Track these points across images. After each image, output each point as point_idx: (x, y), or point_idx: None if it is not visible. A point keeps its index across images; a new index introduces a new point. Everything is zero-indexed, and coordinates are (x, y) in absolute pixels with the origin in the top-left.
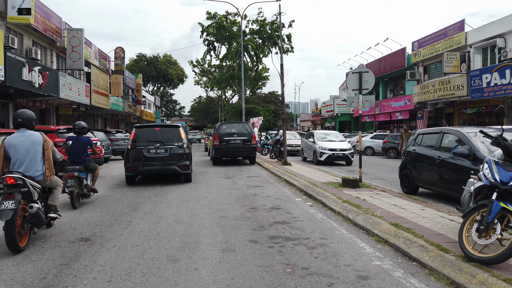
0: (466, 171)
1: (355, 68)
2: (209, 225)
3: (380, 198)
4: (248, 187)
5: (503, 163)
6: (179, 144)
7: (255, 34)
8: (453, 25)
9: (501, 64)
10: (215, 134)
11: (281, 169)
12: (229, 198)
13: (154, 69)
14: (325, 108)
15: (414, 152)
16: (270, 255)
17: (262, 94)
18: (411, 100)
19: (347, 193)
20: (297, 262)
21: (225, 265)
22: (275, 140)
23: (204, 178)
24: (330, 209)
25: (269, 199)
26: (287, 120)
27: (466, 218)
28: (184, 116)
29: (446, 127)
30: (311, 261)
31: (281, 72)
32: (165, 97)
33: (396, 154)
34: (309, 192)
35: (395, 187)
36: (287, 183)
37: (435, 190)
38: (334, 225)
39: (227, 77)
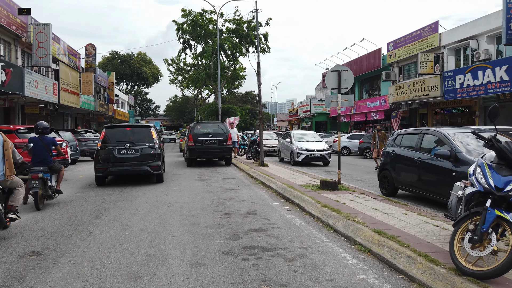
0: (447, 172)
1: (332, 67)
2: (178, 234)
3: (360, 202)
4: (223, 190)
5: (496, 166)
6: (150, 144)
7: (231, 33)
8: (427, 26)
9: (474, 65)
10: (190, 134)
11: (258, 171)
12: (202, 202)
13: (128, 68)
14: (302, 108)
15: (393, 153)
16: (245, 269)
17: (239, 94)
18: (386, 100)
19: (326, 196)
20: (274, 277)
21: (194, 283)
22: (252, 140)
23: (177, 181)
24: (309, 214)
25: (244, 203)
26: (264, 120)
27: (458, 227)
28: (159, 116)
29: (426, 128)
30: (289, 275)
31: (257, 71)
32: (139, 96)
33: (372, 153)
34: (287, 195)
35: (374, 189)
36: (264, 186)
37: (415, 192)
38: (313, 232)
39: (203, 76)
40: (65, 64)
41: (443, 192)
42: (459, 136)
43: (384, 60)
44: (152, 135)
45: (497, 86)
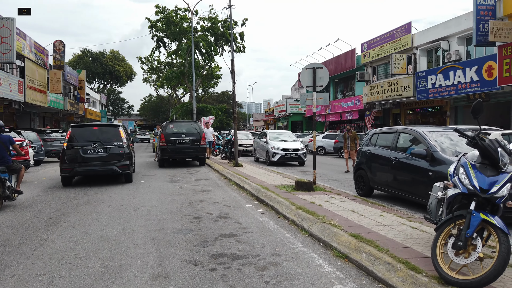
0: (423, 172)
1: (307, 64)
2: (142, 241)
3: (336, 203)
4: (194, 192)
5: (480, 166)
6: (119, 143)
7: (206, 31)
8: (400, 27)
9: (445, 66)
10: (161, 133)
11: (232, 171)
12: (171, 205)
13: (100, 66)
14: (278, 108)
15: (369, 153)
16: (212, 281)
17: (215, 94)
18: (361, 100)
19: (301, 197)
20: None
21: None
22: (226, 140)
23: (146, 182)
24: (283, 217)
25: (216, 205)
26: (240, 120)
27: (440, 231)
28: (133, 115)
29: (401, 127)
30: (261, 287)
31: (231, 69)
32: (112, 95)
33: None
34: (261, 197)
35: (350, 189)
36: (238, 187)
37: (390, 192)
38: (287, 237)
39: (177, 74)
40: (31, 61)
41: (420, 192)
42: (435, 135)
43: (358, 61)
44: (120, 134)
45: (467, 87)
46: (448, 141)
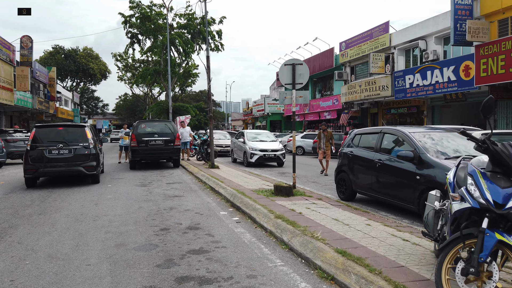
0: (410, 176)
1: (286, 60)
2: (96, 261)
3: (318, 210)
4: (165, 198)
5: (492, 175)
6: (85, 144)
7: (183, 29)
8: (378, 26)
9: (423, 65)
10: (132, 134)
11: (207, 173)
12: (137, 214)
13: (73, 63)
14: (256, 108)
15: (351, 154)
16: None
17: (193, 93)
18: (339, 100)
19: (280, 204)
20: None
21: None
22: (202, 140)
23: (113, 187)
24: (261, 227)
25: (187, 214)
26: (219, 120)
27: (445, 253)
28: (108, 115)
29: (386, 127)
30: None
31: (207, 65)
32: (85, 93)
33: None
34: (237, 203)
35: (331, 192)
36: (213, 191)
37: (375, 197)
38: (265, 252)
39: (151, 72)
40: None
41: (406, 197)
42: (422, 136)
43: (336, 60)
44: (86, 134)
45: (445, 86)
46: (437, 143)
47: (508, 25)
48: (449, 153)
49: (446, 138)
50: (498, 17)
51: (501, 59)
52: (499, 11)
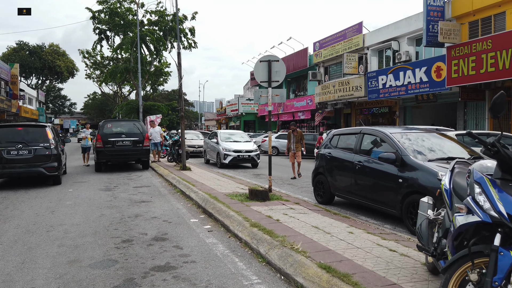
0: (392, 179)
1: (261, 56)
2: (42, 283)
3: (296, 216)
4: (130, 203)
5: (503, 183)
6: (45, 144)
7: (154, 25)
8: (352, 27)
9: (396, 66)
10: (98, 134)
11: (178, 176)
12: (97, 223)
13: (39, 60)
14: (230, 107)
15: (329, 156)
16: None
17: (165, 92)
18: (313, 100)
19: (256, 209)
20: None
21: None
22: (173, 140)
23: (75, 192)
24: (235, 236)
25: (154, 222)
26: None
27: (450, 274)
28: (76, 114)
29: (366, 127)
30: None
31: (178, 62)
32: (52, 92)
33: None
34: (209, 209)
35: (308, 195)
36: (183, 195)
37: (354, 200)
38: (240, 267)
39: (121, 69)
40: None
41: (388, 201)
42: (404, 137)
43: (310, 60)
44: (47, 135)
45: (417, 87)
46: (418, 144)
47: (478, 27)
48: (432, 154)
49: (426, 139)
50: (469, 19)
51: (472, 61)
52: (469, 13)
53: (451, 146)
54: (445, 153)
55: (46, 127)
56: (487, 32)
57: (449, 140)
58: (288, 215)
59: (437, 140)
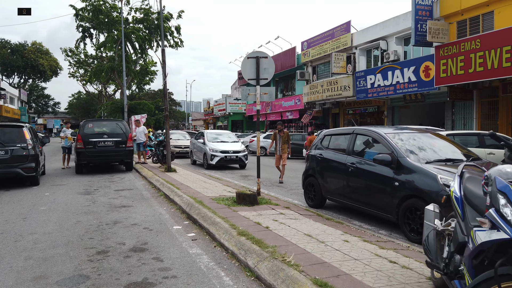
0: (387, 182)
1: (249, 53)
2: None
3: (287, 223)
4: (110, 208)
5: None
6: (23, 145)
7: (139, 23)
8: (340, 26)
9: (384, 66)
10: (78, 134)
11: (162, 178)
12: (72, 231)
13: (21, 59)
14: (218, 107)
15: (320, 157)
16: None
17: (151, 92)
18: (301, 100)
19: (244, 215)
20: None
21: None
22: (158, 141)
23: (51, 196)
24: (221, 246)
25: (134, 230)
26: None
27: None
28: (59, 114)
29: (358, 127)
30: None
31: (162, 59)
32: (35, 91)
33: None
34: (193, 215)
35: (298, 198)
36: (167, 199)
37: (347, 204)
38: (226, 283)
39: (106, 68)
40: None
41: (383, 206)
42: (399, 137)
43: (298, 59)
44: (24, 135)
45: (405, 87)
46: (414, 145)
47: (466, 27)
48: (429, 156)
49: (421, 139)
50: (457, 18)
51: (460, 60)
52: (458, 13)
53: (447, 146)
54: (441, 154)
55: (23, 127)
56: (475, 32)
57: (443, 140)
58: (278, 222)
59: (432, 140)
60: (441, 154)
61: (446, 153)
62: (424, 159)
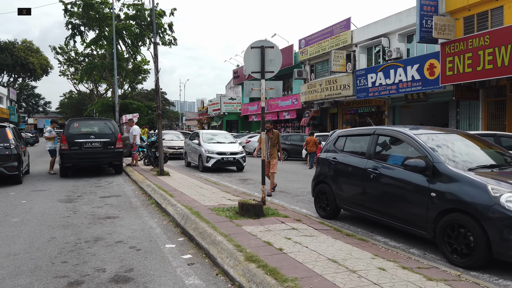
0: (421, 192)
1: (253, 42)
2: None
3: (303, 242)
4: (92, 220)
5: None
6: (5, 144)
7: (131, 20)
8: (339, 23)
9: (386, 64)
10: (63, 134)
11: (154, 183)
12: (42, 252)
13: (10, 57)
14: (212, 107)
15: (334, 161)
16: None
17: (145, 91)
18: (299, 99)
19: (250, 231)
20: None
21: None
22: (150, 142)
23: (29, 203)
24: (225, 275)
25: (118, 249)
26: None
27: None
28: (51, 113)
29: (381, 127)
30: None
31: (154, 53)
32: (25, 90)
33: (287, 155)
34: (190, 230)
35: (306, 206)
36: (159, 209)
37: (368, 216)
38: None
39: (98, 65)
40: None
41: (415, 220)
42: (430, 139)
43: (296, 58)
44: (7, 135)
45: (408, 86)
46: (451, 148)
47: (474, 23)
48: (469, 161)
49: (455, 141)
50: (464, 14)
51: (468, 57)
52: (464, 8)
53: (484, 150)
54: (482, 158)
55: (6, 127)
56: (483, 28)
57: (478, 142)
58: (293, 240)
59: (465, 142)
60: (482, 158)
61: (487, 158)
62: (465, 165)
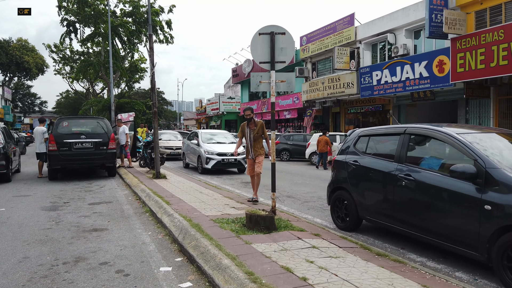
0: (471, 204)
1: (261, 28)
2: None
3: (329, 267)
4: (76, 234)
5: None
6: None
7: (128, 17)
8: (343, 19)
9: (392, 60)
10: (51, 134)
11: (149, 187)
12: (9, 278)
13: (5, 56)
14: (210, 106)
15: (355, 165)
16: None
17: (142, 91)
18: (300, 98)
19: (262, 251)
20: None
21: None
22: (145, 142)
23: (7, 211)
24: None
25: (102, 274)
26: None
27: None
28: (47, 113)
29: (414, 126)
30: None
31: (149, 47)
32: (20, 89)
33: (289, 156)
34: (189, 248)
35: (319, 214)
36: (154, 218)
37: (399, 230)
38: None
39: (94, 63)
40: None
41: (463, 238)
42: (479, 140)
43: (297, 55)
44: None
45: (416, 83)
46: (503, 150)
47: (486, 17)
48: None
49: (500, 142)
50: (476, 8)
51: (481, 53)
52: (476, 1)
53: None
54: None
55: None
56: (496, 22)
57: None
58: (316, 264)
59: (509, 143)
60: None
61: None
62: None
